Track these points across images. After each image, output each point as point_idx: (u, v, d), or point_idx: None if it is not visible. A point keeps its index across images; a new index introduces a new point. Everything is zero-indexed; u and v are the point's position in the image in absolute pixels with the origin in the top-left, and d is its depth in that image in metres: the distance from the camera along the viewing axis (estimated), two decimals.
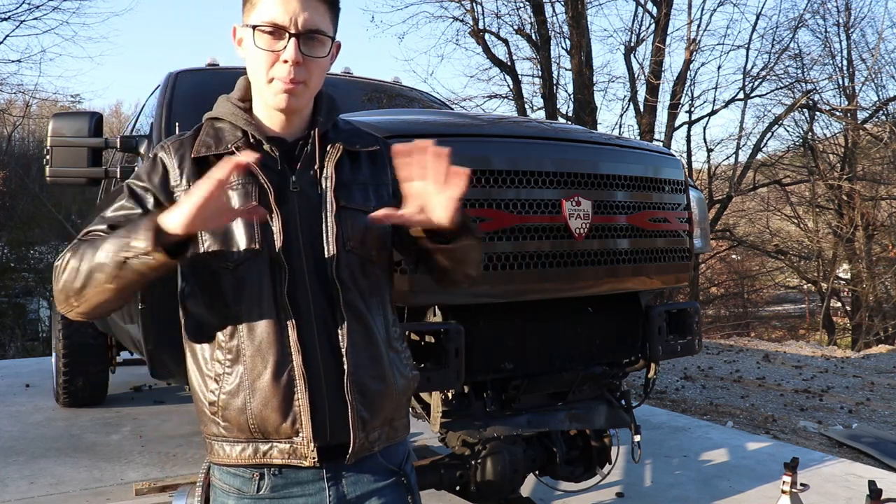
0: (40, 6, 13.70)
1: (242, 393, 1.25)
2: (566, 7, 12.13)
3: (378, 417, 1.32)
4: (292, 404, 1.25)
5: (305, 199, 1.29)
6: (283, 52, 1.24)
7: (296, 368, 1.25)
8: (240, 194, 1.26)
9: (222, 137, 1.31)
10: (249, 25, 1.26)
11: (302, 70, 1.25)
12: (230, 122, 1.32)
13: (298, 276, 1.26)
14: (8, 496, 3.54)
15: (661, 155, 2.76)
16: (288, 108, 1.28)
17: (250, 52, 1.28)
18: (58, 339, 5.21)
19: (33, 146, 19.96)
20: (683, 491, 3.64)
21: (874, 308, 15.58)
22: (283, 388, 1.24)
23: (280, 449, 1.27)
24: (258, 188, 1.26)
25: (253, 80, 1.31)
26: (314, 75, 1.28)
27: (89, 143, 2.89)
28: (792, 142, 16.38)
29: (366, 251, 1.32)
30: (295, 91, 1.26)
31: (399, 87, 4.51)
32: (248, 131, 1.30)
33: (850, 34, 15.25)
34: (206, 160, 1.29)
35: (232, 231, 1.26)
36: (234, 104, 1.34)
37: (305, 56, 1.25)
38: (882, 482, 3.27)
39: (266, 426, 1.26)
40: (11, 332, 14.72)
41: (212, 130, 1.33)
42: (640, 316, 2.68)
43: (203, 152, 1.29)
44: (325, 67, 1.31)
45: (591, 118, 12.01)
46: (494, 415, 2.48)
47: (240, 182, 1.26)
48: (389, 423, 1.35)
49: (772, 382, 7.34)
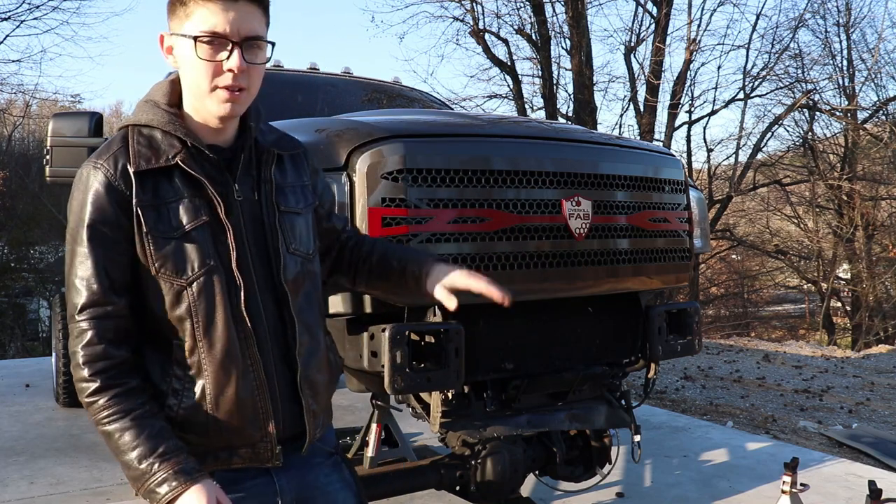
0: (40, 6, 13.73)
1: (205, 407, 1.25)
2: (566, 7, 12.13)
3: (321, 406, 1.39)
4: (257, 414, 1.28)
5: (248, 207, 1.30)
6: (227, 62, 1.23)
7: (258, 378, 1.28)
8: (186, 208, 1.23)
9: (158, 147, 1.25)
10: (188, 35, 1.23)
11: (244, 77, 1.25)
12: (162, 130, 1.27)
13: (251, 286, 1.28)
14: (8, 496, 3.54)
15: (661, 155, 2.76)
16: (231, 115, 1.28)
17: (188, 62, 1.24)
18: (58, 339, 5.22)
19: (33, 146, 19.95)
20: (683, 491, 3.64)
21: (874, 308, 15.58)
22: (246, 399, 1.27)
23: (241, 454, 1.30)
24: (205, 202, 1.25)
25: (191, 89, 1.27)
26: (255, 81, 1.28)
27: (89, 143, 2.90)
28: (792, 142, 16.40)
29: (304, 251, 1.37)
30: (239, 99, 1.26)
31: (399, 87, 4.51)
32: (186, 141, 1.26)
33: (850, 34, 15.28)
34: (146, 174, 1.23)
35: (185, 249, 1.23)
36: (165, 111, 1.28)
37: (248, 63, 1.25)
38: (882, 482, 3.27)
39: (231, 437, 1.28)
40: (11, 332, 14.73)
41: (143, 139, 1.26)
42: (640, 316, 2.67)
43: (144, 166, 1.23)
44: (263, 71, 1.31)
45: (591, 118, 12.01)
46: (494, 415, 2.47)
47: (185, 196, 1.24)
48: (326, 409, 1.43)
49: (772, 382, 7.34)
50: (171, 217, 1.23)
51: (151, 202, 1.23)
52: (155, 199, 1.23)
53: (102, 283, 1.22)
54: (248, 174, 1.32)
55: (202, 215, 1.24)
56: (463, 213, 2.13)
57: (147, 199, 1.23)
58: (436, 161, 2.11)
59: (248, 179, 1.32)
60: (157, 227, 1.22)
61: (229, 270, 1.26)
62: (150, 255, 1.22)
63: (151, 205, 1.23)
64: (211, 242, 1.25)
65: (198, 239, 1.24)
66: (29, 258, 17.19)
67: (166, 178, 1.25)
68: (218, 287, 1.24)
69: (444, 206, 2.11)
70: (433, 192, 2.09)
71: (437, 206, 2.09)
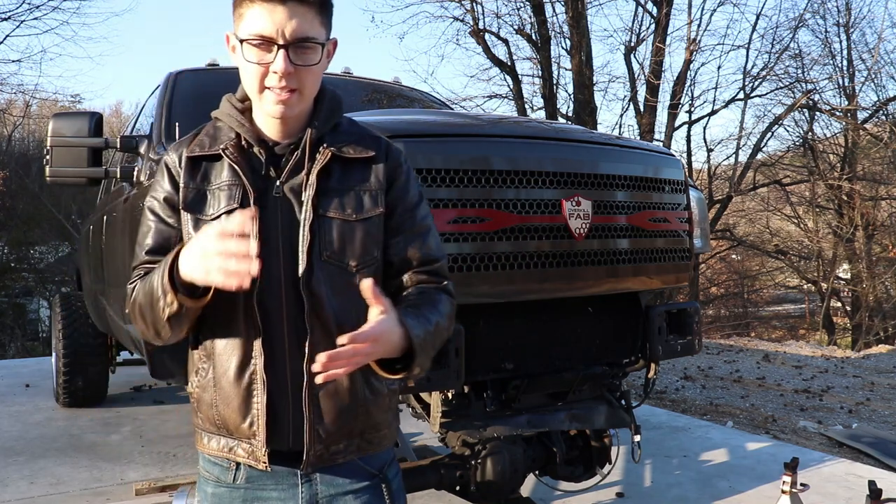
0: (40, 6, 13.74)
1: (211, 388, 1.30)
2: (566, 7, 12.13)
3: (340, 432, 1.30)
4: (251, 406, 1.27)
5: (288, 205, 1.28)
6: (273, 64, 1.23)
7: (257, 372, 1.26)
8: (225, 195, 1.29)
9: (218, 137, 1.34)
10: (238, 37, 1.26)
11: (293, 79, 1.25)
12: (226, 123, 1.35)
13: (273, 281, 1.26)
14: (8, 496, 3.54)
15: (661, 155, 2.76)
16: (282, 115, 1.28)
17: (240, 63, 1.28)
18: (58, 339, 5.21)
19: (33, 146, 19.94)
20: (683, 491, 3.64)
21: (874, 308, 15.58)
22: (243, 389, 1.27)
23: (243, 447, 1.30)
24: (242, 191, 1.28)
25: (248, 90, 1.31)
26: (307, 82, 1.27)
27: (89, 143, 2.89)
28: (792, 142, 16.41)
29: (344, 261, 1.28)
30: (288, 101, 1.26)
31: (399, 87, 4.51)
32: (239, 133, 1.32)
33: (850, 34, 15.28)
34: (198, 159, 1.32)
35: None
36: (232, 105, 1.36)
37: (296, 65, 1.24)
38: (882, 482, 3.27)
39: (227, 424, 1.29)
40: (11, 332, 14.73)
41: (212, 129, 1.36)
42: (640, 316, 2.68)
43: (196, 152, 1.33)
44: (320, 72, 1.30)
45: (591, 118, 12.01)
46: (494, 415, 2.48)
47: (226, 183, 1.29)
48: (360, 436, 1.33)
49: (772, 382, 7.34)
50: (210, 201, 1.29)
51: (197, 185, 1.31)
52: (201, 183, 1.31)
53: (153, 248, 1.32)
54: (298, 173, 1.30)
55: (234, 202, 1.27)
56: (463, 212, 2.13)
57: (194, 182, 1.31)
58: (436, 161, 2.11)
59: (298, 178, 1.30)
60: (195, 207, 1.30)
61: None
62: (185, 232, 1.29)
63: (196, 188, 1.31)
64: None
65: None
66: (29, 258, 17.19)
67: (217, 165, 1.32)
68: None
69: (445, 205, 2.11)
70: (433, 192, 2.09)
71: (438, 205, 2.09)
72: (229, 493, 1.33)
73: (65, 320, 5.20)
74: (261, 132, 1.32)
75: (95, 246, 4.11)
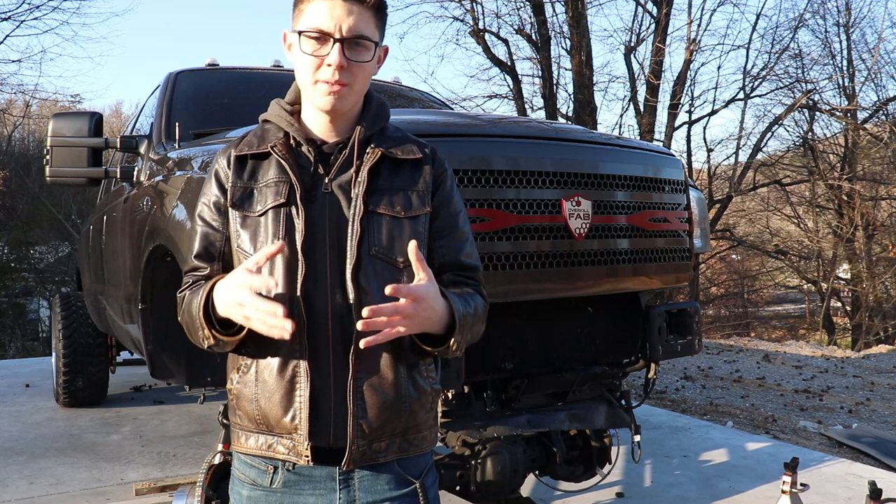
0: (40, 6, 13.73)
1: (253, 383, 1.30)
2: (566, 7, 12.14)
3: (384, 428, 1.30)
4: (293, 400, 1.27)
5: (336, 202, 1.31)
6: (328, 57, 1.28)
7: (300, 365, 1.27)
8: (272, 191, 1.31)
9: (266, 137, 1.38)
10: (296, 31, 1.32)
11: (346, 73, 1.29)
12: (275, 124, 1.39)
13: (319, 275, 1.28)
14: (8, 496, 3.54)
15: (661, 155, 2.76)
16: (333, 109, 1.32)
17: (297, 57, 1.33)
18: (58, 339, 5.21)
19: (33, 146, 19.95)
20: (683, 491, 3.64)
21: (874, 308, 15.59)
22: (286, 383, 1.27)
23: (283, 444, 1.29)
24: (289, 187, 1.31)
25: (301, 83, 1.35)
26: (358, 79, 1.32)
27: (89, 143, 2.89)
28: (792, 142, 16.43)
29: (392, 257, 1.31)
30: (340, 93, 1.30)
31: (399, 87, 4.51)
32: (289, 133, 1.36)
33: (850, 34, 15.30)
34: (245, 158, 1.36)
35: (259, 227, 1.31)
36: (281, 107, 1.41)
37: (349, 60, 1.29)
38: (882, 482, 3.27)
39: (269, 419, 1.29)
40: (11, 332, 14.74)
41: (260, 131, 1.40)
42: (640, 316, 2.68)
43: (245, 151, 1.36)
44: (370, 71, 1.34)
45: (591, 118, 12.02)
46: (494, 415, 2.48)
47: (273, 180, 1.32)
48: (402, 436, 1.33)
49: (772, 382, 7.34)
50: (257, 198, 1.32)
51: (245, 183, 1.34)
52: (249, 181, 1.34)
53: (200, 253, 1.37)
54: (347, 170, 1.33)
55: (281, 198, 1.30)
56: None
57: (241, 180, 1.35)
58: None
59: (345, 176, 1.33)
60: (242, 204, 1.33)
61: (294, 253, 1.27)
62: (233, 230, 1.33)
63: (244, 186, 1.34)
64: (284, 224, 1.29)
65: (273, 219, 1.30)
66: (29, 258, 17.19)
67: (265, 163, 1.35)
68: (281, 267, 1.27)
69: None
70: None
71: None
72: (265, 496, 1.32)
73: (65, 320, 5.20)
74: (309, 131, 1.37)
75: (95, 246, 4.11)
